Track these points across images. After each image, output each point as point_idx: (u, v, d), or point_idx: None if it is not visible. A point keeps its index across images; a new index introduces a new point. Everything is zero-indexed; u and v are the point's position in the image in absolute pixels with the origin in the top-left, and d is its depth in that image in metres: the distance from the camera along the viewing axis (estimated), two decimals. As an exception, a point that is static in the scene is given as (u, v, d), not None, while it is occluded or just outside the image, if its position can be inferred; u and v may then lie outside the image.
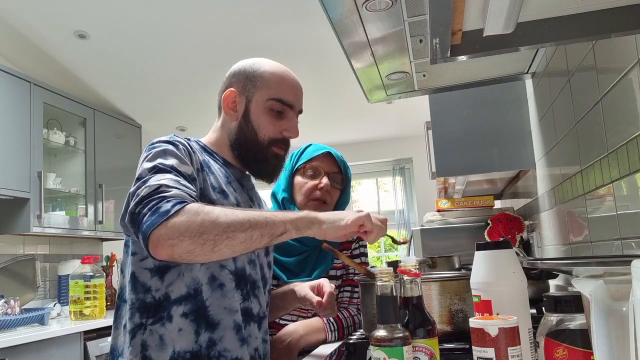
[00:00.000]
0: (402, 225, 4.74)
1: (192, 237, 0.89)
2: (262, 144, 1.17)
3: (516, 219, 2.27)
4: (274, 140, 1.17)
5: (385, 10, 1.07)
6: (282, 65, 1.24)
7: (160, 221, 0.90)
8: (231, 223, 0.92)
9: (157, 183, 0.96)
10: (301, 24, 2.96)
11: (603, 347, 0.56)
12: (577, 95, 1.33)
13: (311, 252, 1.49)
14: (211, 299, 1.06)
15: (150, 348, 1.03)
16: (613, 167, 1.10)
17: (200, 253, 0.90)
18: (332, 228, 1.01)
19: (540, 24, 0.89)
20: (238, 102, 1.19)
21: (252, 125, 1.17)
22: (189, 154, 1.08)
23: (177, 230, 0.89)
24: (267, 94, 1.17)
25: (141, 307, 1.05)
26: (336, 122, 4.30)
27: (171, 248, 0.89)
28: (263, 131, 1.16)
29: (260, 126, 1.17)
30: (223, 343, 1.05)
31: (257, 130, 1.17)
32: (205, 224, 0.90)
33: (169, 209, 0.91)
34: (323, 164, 1.50)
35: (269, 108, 1.17)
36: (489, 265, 0.79)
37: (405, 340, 0.73)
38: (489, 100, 2.04)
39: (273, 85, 1.18)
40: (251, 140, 1.17)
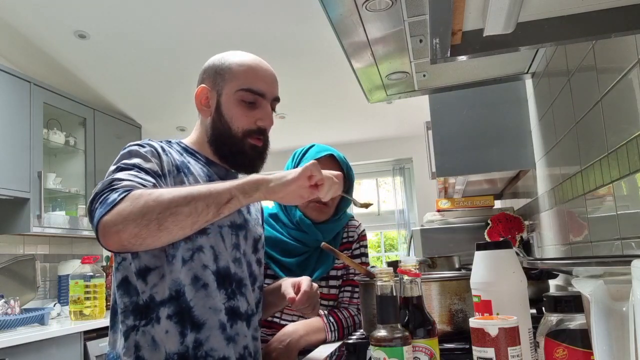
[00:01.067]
0: (402, 225, 4.74)
1: (135, 220, 0.89)
2: (236, 137, 1.15)
3: (516, 219, 2.27)
4: (249, 131, 1.15)
5: (385, 10, 1.07)
6: (253, 55, 1.22)
7: (106, 210, 0.91)
8: (172, 199, 0.91)
9: (111, 178, 0.98)
10: (301, 24, 2.96)
11: (603, 347, 0.56)
12: (577, 95, 1.33)
13: (312, 253, 1.49)
14: (195, 300, 1.05)
15: (143, 349, 1.04)
16: (613, 167, 1.10)
17: (147, 235, 0.90)
18: (280, 185, 0.98)
19: (540, 24, 0.89)
20: (210, 98, 1.18)
21: (224, 118, 1.16)
22: (158, 155, 1.09)
23: (120, 215, 0.89)
24: (236, 85, 1.15)
25: (134, 310, 1.06)
26: (336, 122, 4.30)
27: (117, 235, 0.89)
28: (236, 123, 1.15)
29: (232, 118, 1.15)
30: (209, 343, 1.05)
31: (230, 123, 1.15)
32: (147, 204, 0.90)
33: (115, 198, 0.92)
34: (325, 167, 1.46)
35: (240, 99, 1.15)
36: (489, 265, 0.79)
37: (405, 340, 0.73)
38: (489, 100, 2.04)
39: (241, 75, 1.16)
40: (225, 134, 1.16)
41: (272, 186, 0.98)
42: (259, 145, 1.17)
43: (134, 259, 1.07)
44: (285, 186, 0.98)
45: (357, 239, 1.56)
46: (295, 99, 3.81)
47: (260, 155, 1.19)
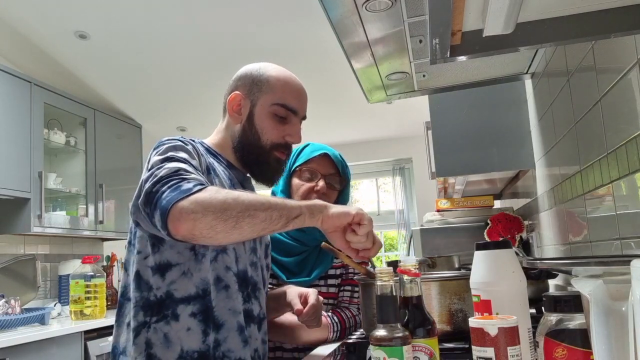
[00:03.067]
0: (401, 225, 4.74)
1: (215, 212, 0.89)
2: (264, 148, 1.18)
3: (516, 218, 2.27)
4: (277, 145, 1.18)
5: (385, 11, 1.07)
6: (288, 70, 1.25)
7: (183, 196, 0.90)
8: (252, 202, 0.93)
9: (177, 166, 0.97)
10: (301, 24, 2.96)
11: (602, 347, 0.56)
12: (577, 96, 1.33)
13: (311, 252, 1.49)
14: (217, 300, 1.07)
15: (155, 346, 1.04)
16: (612, 167, 1.10)
17: (222, 229, 0.90)
18: (338, 213, 1.00)
19: (539, 24, 0.89)
20: (243, 106, 1.19)
21: (255, 128, 1.18)
22: (198, 155, 1.10)
23: (200, 204, 0.89)
24: (272, 98, 1.18)
25: (145, 305, 1.06)
26: (336, 122, 4.30)
27: (193, 222, 0.88)
28: (266, 135, 1.17)
29: (263, 130, 1.17)
30: (227, 344, 1.06)
31: (260, 134, 1.17)
32: (228, 200, 0.91)
33: (190, 187, 0.91)
34: (320, 166, 1.48)
35: (273, 113, 1.18)
36: (489, 265, 0.79)
37: (405, 340, 0.74)
38: (489, 101, 2.05)
39: (278, 90, 1.19)
40: (254, 143, 1.18)
41: (332, 214, 1.00)
42: (283, 158, 1.21)
43: (154, 253, 1.07)
44: (341, 217, 1.00)
45: None
46: (295, 99, 3.82)
47: (282, 168, 1.23)
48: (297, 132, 1.20)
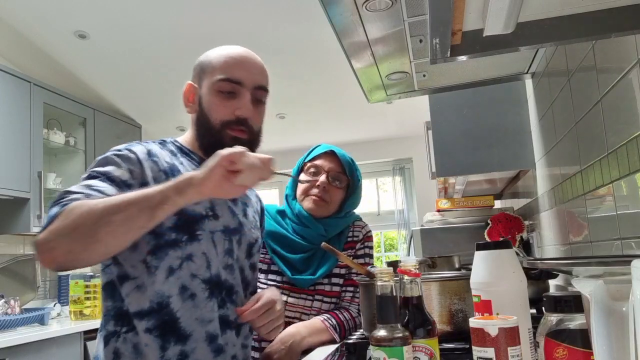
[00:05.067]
0: (402, 225, 4.74)
1: (67, 236, 0.86)
2: (215, 128, 1.10)
3: (516, 219, 2.27)
4: (227, 122, 1.10)
5: (385, 10, 1.07)
6: (239, 47, 1.19)
7: (43, 227, 0.89)
8: (105, 207, 0.87)
9: (63, 191, 0.95)
10: (302, 24, 2.96)
11: (603, 347, 0.56)
12: (577, 95, 1.33)
13: (317, 251, 1.50)
14: (182, 311, 1.02)
15: (123, 356, 1.02)
16: (613, 167, 1.10)
17: (81, 250, 0.86)
18: (206, 173, 0.90)
19: (540, 24, 0.89)
20: (195, 94, 1.15)
21: (204, 111, 1.12)
22: (138, 163, 1.05)
23: (53, 231, 0.87)
24: (214, 76, 1.12)
25: (115, 315, 1.04)
26: (336, 122, 4.29)
27: (50, 253, 0.87)
28: (214, 115, 1.11)
29: (211, 110, 1.11)
30: (195, 355, 1.02)
31: (209, 115, 1.11)
32: (80, 217, 0.86)
33: (53, 214, 0.89)
34: (324, 163, 1.51)
35: (218, 90, 1.11)
36: (489, 265, 0.79)
37: (405, 340, 0.73)
38: (489, 101, 2.04)
39: (220, 66, 1.13)
40: (206, 126, 1.12)
41: (201, 177, 0.90)
42: (242, 137, 1.11)
43: (115, 264, 1.04)
44: (211, 173, 0.90)
45: (362, 239, 1.57)
46: (295, 99, 3.82)
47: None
48: (246, 104, 1.11)
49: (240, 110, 1.11)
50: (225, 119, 1.10)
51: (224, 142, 1.07)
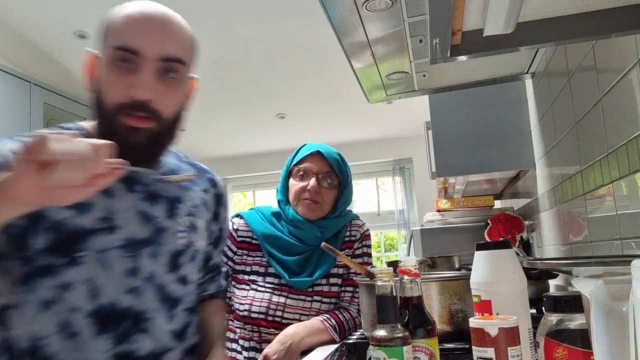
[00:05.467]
0: (402, 225, 4.74)
1: None
2: (109, 114, 0.86)
3: (516, 219, 2.27)
4: (121, 105, 0.85)
5: (385, 10, 1.07)
6: (149, 2, 0.91)
7: None
8: None
9: None
10: (301, 24, 2.96)
11: (603, 347, 0.56)
12: (577, 95, 1.33)
13: (313, 252, 1.49)
14: (63, 353, 0.84)
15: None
16: (613, 167, 1.10)
17: None
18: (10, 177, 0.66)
19: (540, 24, 0.89)
20: (97, 66, 0.91)
21: (99, 89, 0.88)
22: None
23: None
24: (111, 42, 0.87)
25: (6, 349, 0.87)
26: (336, 122, 4.29)
27: None
28: (107, 94, 0.86)
29: (105, 88, 0.87)
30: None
31: (102, 95, 0.87)
32: None
33: None
34: (312, 165, 1.49)
35: (112, 61, 0.86)
36: (489, 265, 0.79)
37: (405, 340, 0.73)
38: (489, 101, 2.04)
39: (119, 29, 0.87)
40: (99, 110, 0.88)
41: (5, 181, 0.66)
42: (141, 125, 0.86)
43: None
44: (15, 177, 0.65)
45: (360, 238, 1.56)
46: (295, 99, 3.82)
47: (149, 142, 0.87)
48: (144, 82, 0.84)
49: (136, 90, 0.84)
50: (120, 101, 0.85)
51: (117, 131, 0.85)
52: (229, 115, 4.11)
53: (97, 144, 0.68)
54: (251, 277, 1.48)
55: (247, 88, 3.60)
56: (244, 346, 1.45)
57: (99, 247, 0.86)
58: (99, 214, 0.87)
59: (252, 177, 5.09)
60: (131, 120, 0.85)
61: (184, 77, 0.94)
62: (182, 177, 0.98)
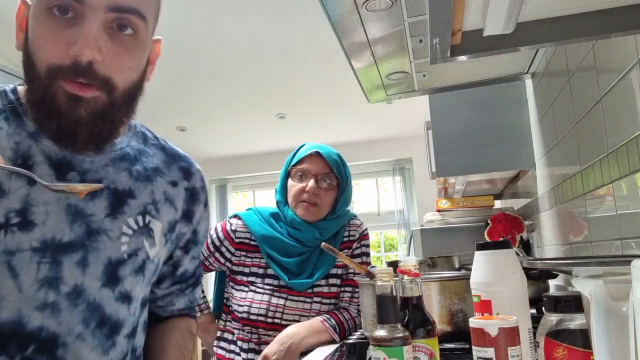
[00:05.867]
0: (402, 225, 4.74)
1: None
2: (40, 76, 0.68)
3: (516, 219, 2.27)
4: (57, 67, 0.67)
5: (385, 10, 1.07)
6: None
7: None
8: None
9: None
10: (301, 24, 2.96)
11: (603, 347, 0.56)
12: (577, 95, 1.33)
13: (312, 253, 1.49)
14: None
15: None
16: (613, 167, 1.10)
17: None
18: None
19: (540, 24, 0.89)
20: (25, 16, 0.74)
21: (29, 46, 0.71)
22: None
23: None
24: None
25: None
26: (336, 122, 4.29)
27: None
28: (39, 53, 0.69)
29: (36, 45, 0.69)
30: None
31: (33, 53, 0.70)
32: None
33: None
34: (311, 166, 1.48)
35: (45, 10, 0.68)
36: (489, 265, 0.79)
37: (405, 340, 0.73)
38: (489, 100, 2.04)
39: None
40: (30, 74, 0.70)
41: None
42: (83, 95, 0.68)
43: None
44: None
45: (359, 238, 1.56)
46: (295, 99, 3.82)
47: (93, 118, 0.69)
48: (88, 37, 0.66)
49: (76, 46, 0.66)
50: (55, 62, 0.67)
51: (54, 103, 0.68)
52: (229, 115, 4.11)
53: None
54: (250, 278, 1.47)
55: (247, 88, 3.61)
56: (243, 347, 1.45)
57: (5, 248, 0.67)
58: (11, 204, 0.68)
59: (252, 177, 5.09)
60: (70, 87, 0.67)
61: (144, 36, 0.74)
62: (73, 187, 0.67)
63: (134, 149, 0.85)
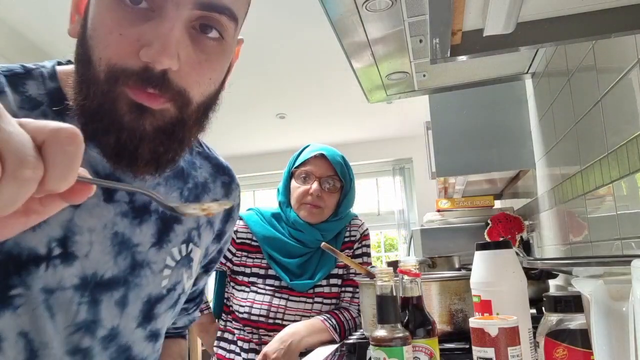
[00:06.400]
0: (402, 225, 4.74)
1: None
2: (97, 79, 0.54)
3: (516, 219, 2.27)
4: (123, 71, 0.54)
5: (385, 10, 1.06)
6: None
7: None
8: None
9: None
10: (301, 24, 2.96)
11: (603, 347, 0.56)
12: (577, 95, 1.33)
13: (313, 254, 1.49)
14: None
15: None
16: (613, 167, 1.10)
17: None
18: None
19: (540, 24, 0.89)
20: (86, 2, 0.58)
21: (87, 36, 0.56)
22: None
23: None
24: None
25: None
26: (336, 122, 4.30)
27: None
28: (100, 48, 0.54)
29: (96, 37, 0.55)
30: None
31: (91, 47, 0.55)
32: None
33: None
34: (315, 168, 1.48)
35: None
36: (489, 265, 0.79)
37: (405, 340, 0.73)
38: (489, 100, 2.04)
39: None
40: (83, 71, 0.56)
41: None
42: (150, 106, 0.55)
43: None
44: None
45: (359, 238, 1.56)
46: (295, 99, 3.82)
47: (159, 134, 0.56)
48: (166, 38, 0.53)
49: (150, 50, 0.52)
50: (119, 64, 0.54)
51: (115, 113, 0.54)
52: (229, 115, 4.11)
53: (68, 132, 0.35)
54: (251, 279, 1.47)
55: (247, 88, 3.61)
56: (243, 348, 1.45)
57: (45, 284, 0.56)
58: (53, 231, 0.57)
59: (252, 177, 5.09)
60: (136, 95, 0.54)
61: (230, 42, 0.61)
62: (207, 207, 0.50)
63: (185, 162, 0.74)
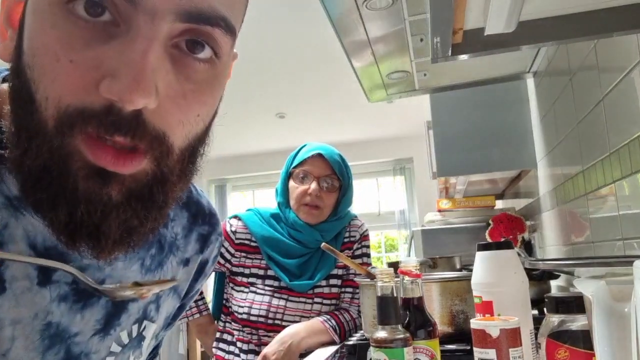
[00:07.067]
0: (402, 225, 4.73)
1: None
2: (43, 127, 0.39)
3: (518, 219, 2.26)
4: (80, 112, 0.38)
5: (386, 9, 1.06)
6: None
7: None
8: None
9: None
10: (301, 23, 2.96)
11: (605, 348, 0.55)
12: (579, 95, 1.32)
13: (313, 255, 1.49)
14: None
15: None
16: (615, 167, 1.09)
17: None
18: None
19: (541, 23, 0.88)
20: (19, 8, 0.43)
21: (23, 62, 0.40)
22: None
23: None
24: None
25: None
26: (336, 122, 4.29)
27: None
28: (44, 80, 0.38)
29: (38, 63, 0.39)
30: None
31: (31, 78, 0.39)
32: None
33: None
34: (313, 167, 1.48)
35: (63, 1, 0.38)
36: (490, 266, 0.78)
37: (405, 342, 0.73)
38: (490, 100, 2.04)
39: None
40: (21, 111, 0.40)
41: None
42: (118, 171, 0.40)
43: None
44: None
45: (359, 239, 1.55)
46: (295, 98, 3.81)
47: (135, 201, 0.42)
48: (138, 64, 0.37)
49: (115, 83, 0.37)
50: (72, 104, 0.38)
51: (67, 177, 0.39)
52: (228, 115, 4.11)
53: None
54: (250, 279, 1.47)
55: (247, 88, 3.61)
56: (242, 348, 1.45)
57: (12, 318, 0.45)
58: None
59: (252, 177, 5.09)
60: (97, 154, 0.39)
61: (226, 61, 0.47)
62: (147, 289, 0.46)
63: None
